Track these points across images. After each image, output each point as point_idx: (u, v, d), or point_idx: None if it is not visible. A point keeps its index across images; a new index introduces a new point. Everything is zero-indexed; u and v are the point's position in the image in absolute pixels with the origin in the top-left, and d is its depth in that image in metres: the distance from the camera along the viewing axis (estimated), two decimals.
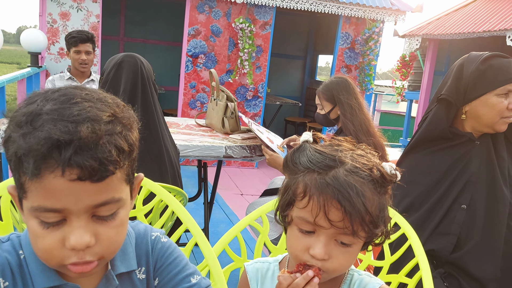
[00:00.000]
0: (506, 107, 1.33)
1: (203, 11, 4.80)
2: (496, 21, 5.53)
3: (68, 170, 0.55)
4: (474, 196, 1.36)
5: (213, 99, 2.66)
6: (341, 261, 0.74)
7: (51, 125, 0.55)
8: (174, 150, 1.70)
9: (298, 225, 0.75)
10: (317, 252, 0.72)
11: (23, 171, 0.56)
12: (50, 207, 0.57)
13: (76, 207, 0.57)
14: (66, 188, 0.56)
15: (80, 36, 3.00)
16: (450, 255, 1.34)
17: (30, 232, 0.60)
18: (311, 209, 0.72)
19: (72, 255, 0.59)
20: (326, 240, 0.73)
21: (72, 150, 0.54)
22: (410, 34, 6.73)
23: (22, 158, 0.55)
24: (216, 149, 2.15)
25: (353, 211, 0.70)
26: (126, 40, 6.60)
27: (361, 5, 5.06)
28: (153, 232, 0.77)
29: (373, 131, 2.11)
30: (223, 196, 4.13)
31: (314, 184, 0.72)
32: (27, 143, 0.55)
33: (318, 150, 0.77)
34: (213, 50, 4.93)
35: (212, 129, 2.65)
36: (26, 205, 0.59)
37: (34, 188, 0.56)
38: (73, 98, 0.59)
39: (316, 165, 0.74)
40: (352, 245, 0.74)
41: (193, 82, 4.97)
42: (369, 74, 5.32)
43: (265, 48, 5.09)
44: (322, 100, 2.23)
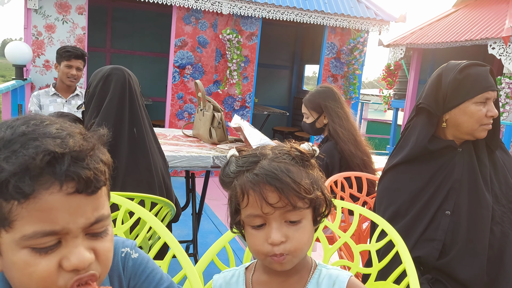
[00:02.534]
0: (485, 115, 1.35)
1: (190, 22, 4.82)
2: (477, 30, 5.65)
3: (65, 184, 0.54)
4: (458, 202, 1.38)
5: (200, 110, 2.67)
6: (298, 238, 0.79)
7: (38, 143, 0.54)
8: (163, 162, 1.69)
9: (249, 223, 0.81)
10: (274, 238, 0.78)
11: (8, 197, 0.52)
12: (49, 230, 0.54)
13: (74, 226, 0.55)
14: (64, 204, 0.54)
15: (74, 51, 3.01)
16: (436, 261, 1.35)
17: (18, 268, 0.55)
18: (254, 201, 0.78)
19: (73, 275, 0.56)
20: (276, 224, 0.78)
21: (67, 162, 0.54)
22: (395, 43, 6.84)
23: (7, 182, 0.52)
24: (203, 159, 2.15)
25: (284, 186, 0.77)
26: (113, 51, 6.58)
27: (345, 15, 5.13)
28: (123, 248, 0.75)
29: (359, 140, 2.14)
30: (212, 206, 4.11)
31: (246, 181, 0.79)
32: (13, 163, 0.52)
33: (242, 155, 0.85)
34: (200, 61, 4.95)
35: (200, 139, 2.65)
36: (9, 238, 0.54)
37: (27, 213, 0.53)
38: (42, 121, 0.58)
39: (243, 166, 0.82)
40: (301, 220, 0.80)
41: (181, 93, 4.97)
42: (353, 83, 5.38)
43: (252, 58, 5.12)
44: (308, 109, 2.25)
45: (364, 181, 2.00)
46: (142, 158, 1.60)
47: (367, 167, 2.11)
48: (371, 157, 2.19)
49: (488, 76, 1.36)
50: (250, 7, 4.83)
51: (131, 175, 1.53)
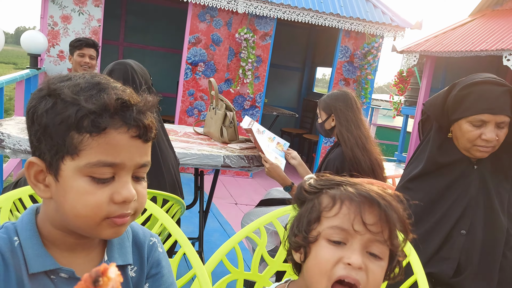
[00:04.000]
0: (478, 137, 1.30)
1: (204, 19, 4.82)
2: (493, 41, 5.60)
3: (131, 128, 0.65)
4: (474, 222, 1.36)
5: (212, 108, 2.66)
6: (376, 276, 0.70)
7: (114, 91, 0.65)
8: (174, 158, 1.68)
9: (328, 237, 0.71)
10: (354, 260, 0.68)
11: (82, 130, 0.62)
12: (110, 161, 0.64)
13: (130, 163, 0.66)
14: (126, 144, 0.65)
15: (86, 40, 3.07)
16: (451, 279, 1.34)
17: (76, 192, 0.64)
18: (347, 213, 0.70)
19: (118, 209, 0.65)
20: (360, 248, 0.69)
21: (136, 111, 0.65)
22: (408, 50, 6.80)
23: (86, 117, 0.62)
24: (214, 158, 2.15)
25: (390, 211, 0.69)
26: (126, 45, 6.60)
27: (361, 20, 5.11)
28: (152, 237, 0.81)
29: (370, 148, 2.11)
30: (217, 205, 4.11)
31: (344, 193, 0.72)
32: (94, 103, 0.62)
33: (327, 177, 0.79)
34: (212, 58, 4.95)
35: (210, 137, 2.65)
36: (73, 165, 0.63)
37: (96, 144, 0.63)
38: (107, 78, 0.69)
39: (338, 182, 0.75)
40: (383, 260, 0.71)
41: (192, 89, 4.97)
42: (365, 88, 5.36)
43: (265, 58, 5.11)
44: (320, 109, 2.24)
45: None
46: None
47: (377, 176, 2.09)
48: (383, 167, 2.16)
49: (491, 98, 1.28)
50: (265, 7, 4.82)
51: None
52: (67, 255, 0.69)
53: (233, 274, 1.26)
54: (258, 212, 2.32)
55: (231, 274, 1.26)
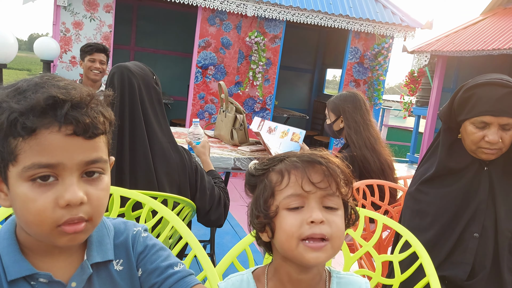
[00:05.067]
0: (482, 139, 1.29)
1: (214, 23, 4.85)
2: (505, 39, 5.53)
3: (64, 126, 0.61)
4: (486, 225, 1.34)
5: (222, 111, 2.68)
6: (337, 224, 0.76)
7: (45, 89, 0.62)
8: (180, 160, 1.63)
9: (286, 206, 0.77)
10: (315, 216, 0.74)
11: (15, 134, 0.60)
12: (45, 163, 0.61)
13: (70, 162, 0.62)
14: (62, 143, 0.61)
15: (96, 45, 3.10)
16: (466, 281, 1.32)
17: (20, 200, 0.62)
18: (295, 180, 0.76)
19: (65, 214, 0.62)
20: (317, 205, 0.76)
21: (67, 107, 0.61)
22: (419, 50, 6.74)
23: (16, 120, 0.60)
24: (225, 160, 2.16)
25: (330, 167, 0.76)
26: (137, 49, 6.67)
27: (370, 20, 5.08)
28: (135, 227, 0.81)
29: (379, 149, 2.10)
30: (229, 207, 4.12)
31: (287, 164, 0.78)
32: (22, 104, 0.60)
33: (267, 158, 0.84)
34: (222, 62, 4.97)
35: (221, 140, 2.66)
36: (15, 171, 0.62)
37: (29, 147, 0.60)
38: (55, 77, 0.66)
39: (276, 159, 0.81)
40: (338, 210, 0.78)
41: (202, 93, 5.00)
42: (377, 89, 5.33)
43: (275, 61, 5.12)
44: (328, 110, 2.24)
45: (386, 190, 1.98)
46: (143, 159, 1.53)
47: (387, 177, 2.08)
48: (393, 168, 2.15)
49: (492, 100, 1.26)
50: (274, 10, 4.83)
51: (132, 175, 1.52)
52: (47, 260, 0.69)
53: None
54: None
55: None
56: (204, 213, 1.66)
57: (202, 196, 1.64)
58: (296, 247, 0.75)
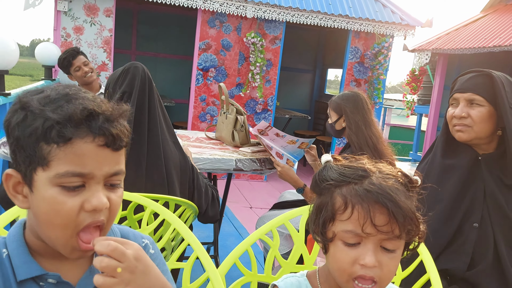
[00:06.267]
0: (452, 115, 1.39)
1: (214, 25, 4.87)
2: (506, 36, 5.52)
3: (97, 137, 0.65)
4: (484, 215, 1.35)
5: (223, 113, 2.69)
6: (390, 267, 0.75)
7: (80, 101, 0.66)
8: (184, 162, 1.67)
9: (343, 239, 0.76)
10: (368, 261, 0.73)
11: (49, 140, 0.63)
12: (78, 172, 0.65)
13: (99, 172, 0.66)
14: (94, 153, 0.65)
15: (69, 54, 3.04)
16: (466, 272, 1.33)
17: (48, 202, 0.65)
18: (357, 218, 0.73)
19: (88, 218, 0.66)
20: (373, 247, 0.73)
21: (101, 120, 0.65)
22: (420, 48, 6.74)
23: (52, 127, 0.63)
24: (226, 162, 2.17)
25: (398, 211, 0.72)
26: (138, 53, 6.69)
27: (370, 20, 5.09)
28: (143, 239, 0.83)
29: (381, 148, 2.10)
30: (232, 209, 4.13)
31: (354, 194, 0.74)
32: (59, 113, 0.64)
33: (345, 165, 0.80)
34: (223, 64, 4.98)
35: (222, 142, 2.67)
36: (45, 176, 0.65)
37: (63, 155, 0.64)
38: (80, 89, 0.70)
39: (349, 177, 0.77)
40: (396, 250, 0.75)
41: (203, 95, 5.02)
42: (377, 88, 5.33)
43: (275, 62, 5.13)
44: (330, 109, 2.25)
45: None
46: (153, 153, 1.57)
47: None
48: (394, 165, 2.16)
49: (464, 80, 1.38)
50: (274, 11, 4.85)
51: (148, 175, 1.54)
52: (55, 263, 0.71)
53: (247, 277, 1.27)
54: (271, 215, 2.32)
55: (244, 277, 1.27)
56: (202, 211, 1.68)
57: (199, 195, 1.66)
58: (345, 282, 0.76)
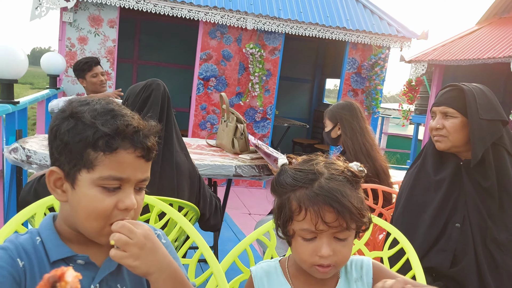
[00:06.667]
0: (431, 127, 1.52)
1: (215, 36, 4.99)
2: (500, 48, 5.65)
3: (137, 149, 0.78)
4: (465, 215, 1.45)
5: (223, 121, 2.79)
6: (343, 253, 0.88)
7: (125, 118, 0.78)
8: (191, 169, 1.77)
9: (301, 235, 0.89)
10: (324, 252, 0.86)
11: (97, 148, 0.76)
12: (119, 176, 0.77)
13: (134, 178, 0.79)
14: (132, 162, 0.78)
15: (92, 60, 3.17)
16: (448, 270, 1.42)
17: (88, 199, 0.77)
18: (310, 219, 0.86)
19: (118, 215, 0.79)
20: (327, 240, 0.87)
21: (142, 136, 0.79)
22: (416, 59, 6.87)
23: (101, 138, 0.75)
24: (226, 168, 2.26)
25: (343, 209, 0.84)
26: (140, 63, 6.81)
27: (367, 32, 5.22)
28: (156, 231, 0.94)
29: (374, 155, 2.20)
30: (231, 215, 4.21)
31: (306, 198, 0.87)
32: (109, 127, 0.76)
33: (298, 168, 0.92)
34: (223, 73, 5.10)
35: (222, 149, 2.76)
36: (89, 177, 0.77)
37: (108, 162, 0.76)
38: (118, 104, 0.82)
39: (301, 181, 0.89)
40: (348, 238, 0.89)
41: (204, 104, 5.12)
42: (375, 98, 5.45)
43: (274, 72, 5.25)
44: (326, 118, 2.35)
45: (380, 193, 2.07)
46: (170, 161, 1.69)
47: (382, 181, 2.17)
48: (387, 173, 2.25)
49: (440, 94, 1.53)
50: (273, 23, 4.97)
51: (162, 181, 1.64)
52: (82, 247, 0.82)
53: (245, 274, 1.35)
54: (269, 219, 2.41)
55: (243, 274, 1.35)
56: (205, 219, 1.77)
57: (204, 203, 1.75)
58: (308, 267, 0.91)
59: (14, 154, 2.04)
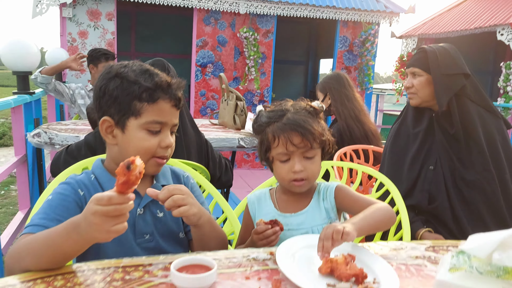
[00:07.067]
0: (405, 86, 1.76)
1: (209, 23, 5.16)
2: (486, 18, 5.82)
3: (172, 100, 1.02)
4: (437, 159, 1.66)
5: (224, 100, 2.99)
6: (313, 169, 1.13)
7: (160, 75, 1.02)
8: (197, 136, 1.96)
9: (278, 159, 1.13)
10: (297, 168, 1.10)
11: (142, 100, 0.98)
12: (159, 120, 1.01)
13: (170, 122, 1.03)
14: (169, 110, 1.02)
15: (111, 53, 3.30)
16: (427, 206, 1.63)
17: (137, 140, 1.00)
18: (282, 143, 1.10)
19: (161, 151, 1.03)
20: (298, 159, 1.11)
21: (174, 88, 1.03)
22: (407, 35, 7.03)
23: (147, 91, 0.98)
24: (230, 140, 2.47)
25: (306, 132, 1.09)
26: (137, 54, 6.98)
27: (356, 9, 5.39)
28: (185, 172, 1.19)
29: (363, 119, 2.40)
30: (236, 193, 4.43)
31: (277, 128, 1.11)
32: (150, 83, 0.99)
33: (270, 110, 1.17)
34: (220, 59, 5.28)
35: (225, 126, 2.97)
36: (136, 123, 1.00)
37: (151, 110, 0.99)
38: (152, 68, 1.04)
39: (273, 118, 1.13)
40: (315, 157, 1.13)
41: (203, 90, 5.31)
42: (367, 74, 5.63)
43: (269, 54, 5.43)
44: (317, 91, 2.55)
45: (370, 153, 2.28)
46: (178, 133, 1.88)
47: (371, 142, 2.38)
48: (376, 135, 2.46)
49: (411, 57, 1.73)
50: (265, 6, 5.14)
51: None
52: None
53: None
54: None
55: None
56: (217, 178, 1.98)
57: (214, 164, 1.96)
58: (287, 184, 1.15)
59: (38, 138, 2.24)
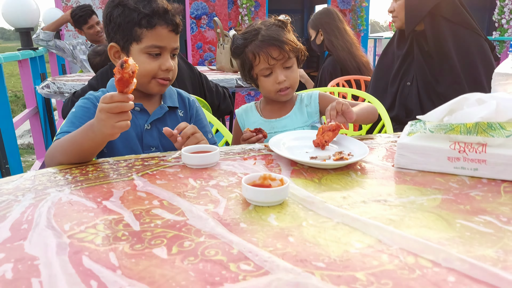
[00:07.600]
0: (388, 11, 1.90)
1: None
2: None
3: (169, 25, 1.11)
4: (414, 75, 1.80)
5: (220, 45, 3.08)
6: (293, 76, 1.27)
7: (157, 2, 1.10)
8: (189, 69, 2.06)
9: (261, 74, 1.26)
10: (280, 79, 1.24)
11: (142, 26, 1.08)
12: (158, 45, 1.11)
13: (169, 46, 1.13)
14: (167, 35, 1.11)
15: (86, 13, 3.26)
16: (405, 118, 1.79)
17: (139, 63, 1.09)
18: (264, 59, 1.22)
19: (162, 74, 1.14)
20: (279, 70, 1.25)
21: (171, 14, 1.12)
22: None
23: (145, 17, 1.07)
24: (228, 81, 2.60)
25: (282, 44, 1.21)
26: None
27: None
28: (191, 96, 1.31)
29: (355, 52, 2.51)
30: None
31: (255, 47, 1.23)
32: (148, 9, 1.08)
33: (243, 31, 1.29)
34: (214, 10, 5.29)
35: (223, 71, 3.08)
36: (137, 48, 1.11)
37: (150, 35, 1.10)
38: None
39: (248, 38, 1.25)
40: (293, 66, 1.27)
41: (199, 43, 5.36)
42: (361, 16, 5.64)
43: (262, 2, 5.43)
44: (309, 28, 2.64)
45: (362, 83, 2.41)
46: None
47: (363, 73, 2.50)
48: (368, 66, 2.57)
49: None
50: None
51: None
52: (137, 100, 1.15)
53: None
54: None
55: None
56: (217, 107, 2.12)
57: (211, 94, 2.09)
58: (273, 95, 1.29)
59: (47, 89, 2.38)
